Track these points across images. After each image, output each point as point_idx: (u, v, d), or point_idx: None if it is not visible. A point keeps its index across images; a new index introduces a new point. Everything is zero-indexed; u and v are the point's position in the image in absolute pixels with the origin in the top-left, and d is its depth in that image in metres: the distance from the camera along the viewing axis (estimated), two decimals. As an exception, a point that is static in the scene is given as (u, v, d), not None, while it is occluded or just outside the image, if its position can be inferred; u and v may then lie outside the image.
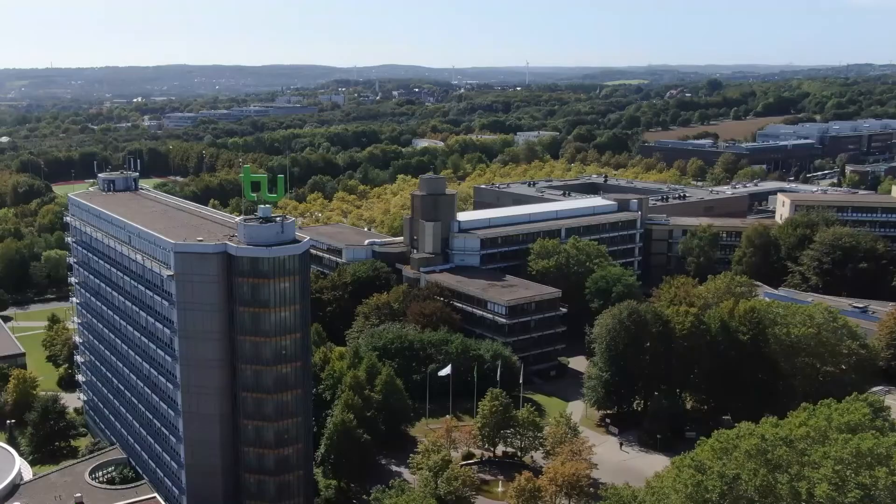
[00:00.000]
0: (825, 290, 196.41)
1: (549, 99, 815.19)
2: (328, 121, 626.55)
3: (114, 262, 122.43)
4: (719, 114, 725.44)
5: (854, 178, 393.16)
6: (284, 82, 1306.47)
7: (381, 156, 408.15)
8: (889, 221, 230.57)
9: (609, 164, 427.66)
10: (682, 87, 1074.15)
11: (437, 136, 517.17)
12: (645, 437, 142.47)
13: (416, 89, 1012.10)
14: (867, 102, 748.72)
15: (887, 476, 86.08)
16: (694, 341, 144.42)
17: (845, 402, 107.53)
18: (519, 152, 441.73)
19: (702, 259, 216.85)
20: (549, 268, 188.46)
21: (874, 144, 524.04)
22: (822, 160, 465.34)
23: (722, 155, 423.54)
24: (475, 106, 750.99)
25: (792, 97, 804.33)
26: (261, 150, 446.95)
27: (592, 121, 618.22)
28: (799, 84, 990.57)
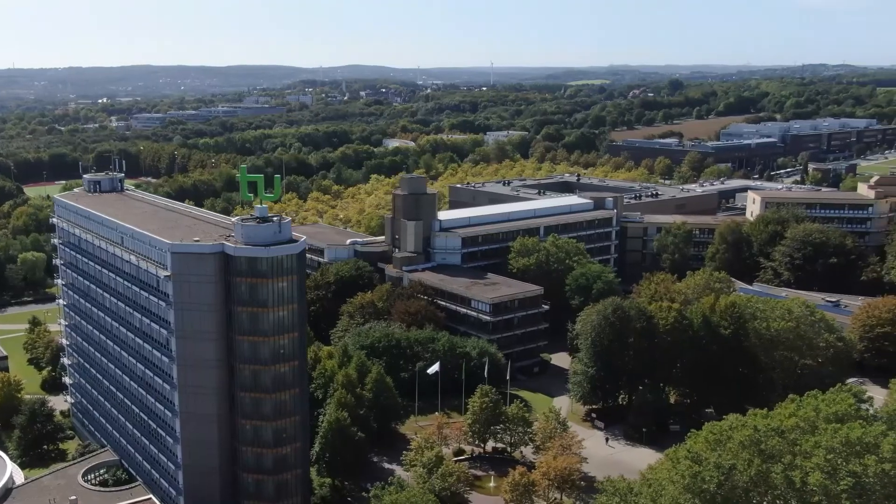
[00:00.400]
0: (797, 285, 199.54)
1: (516, 99, 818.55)
2: (297, 121, 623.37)
3: (104, 264, 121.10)
4: (682, 113, 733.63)
5: (817, 176, 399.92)
6: (250, 83, 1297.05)
7: (353, 156, 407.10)
8: (856, 218, 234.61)
9: (578, 163, 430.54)
10: (643, 87, 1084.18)
11: (408, 136, 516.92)
12: (630, 430, 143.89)
13: (383, 89, 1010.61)
14: (824, 102, 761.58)
15: (877, 464, 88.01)
16: (677, 336, 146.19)
17: (830, 393, 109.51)
18: (489, 152, 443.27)
19: (676, 256, 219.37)
20: (530, 265, 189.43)
21: (833, 143, 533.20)
22: (785, 158, 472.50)
23: (688, 154, 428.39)
24: (443, 106, 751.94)
25: (752, 97, 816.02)
26: (232, 150, 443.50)
27: (559, 120, 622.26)
28: (757, 84, 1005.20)
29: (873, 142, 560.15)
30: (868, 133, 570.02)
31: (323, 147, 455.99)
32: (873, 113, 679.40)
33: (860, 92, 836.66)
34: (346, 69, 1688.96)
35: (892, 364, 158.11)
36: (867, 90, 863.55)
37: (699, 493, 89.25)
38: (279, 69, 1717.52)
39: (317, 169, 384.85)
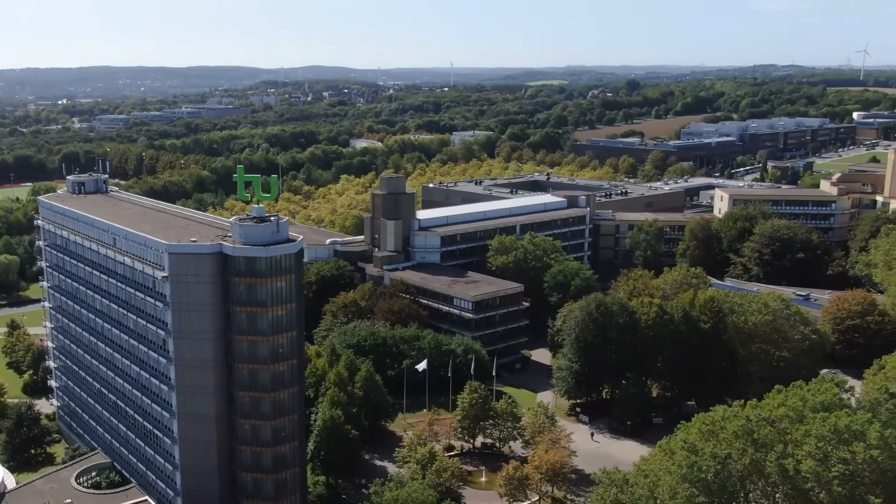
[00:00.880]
0: (766, 279, 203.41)
1: (478, 99, 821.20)
2: (262, 122, 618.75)
3: (95, 265, 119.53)
4: (641, 113, 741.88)
5: (776, 174, 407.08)
6: (211, 84, 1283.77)
7: (322, 156, 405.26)
8: (820, 214, 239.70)
9: (544, 162, 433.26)
10: (602, 87, 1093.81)
11: (374, 137, 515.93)
12: (615, 424, 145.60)
13: (346, 90, 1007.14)
14: (778, 102, 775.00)
15: (865, 451, 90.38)
16: (658, 331, 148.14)
17: (815, 384, 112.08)
18: (457, 152, 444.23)
19: (648, 253, 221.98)
20: (508, 263, 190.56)
21: (789, 142, 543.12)
22: (744, 157, 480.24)
23: (651, 152, 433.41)
24: (406, 106, 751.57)
25: (708, 97, 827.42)
26: (199, 151, 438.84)
27: (522, 120, 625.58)
28: (712, 84, 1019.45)
29: (827, 140, 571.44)
30: (822, 132, 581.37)
31: (290, 148, 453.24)
32: (825, 112, 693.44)
33: (811, 92, 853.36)
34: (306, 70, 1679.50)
35: (862, 355, 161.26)
36: (818, 90, 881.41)
37: (696, 483, 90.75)
38: (239, 70, 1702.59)
39: (286, 169, 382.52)
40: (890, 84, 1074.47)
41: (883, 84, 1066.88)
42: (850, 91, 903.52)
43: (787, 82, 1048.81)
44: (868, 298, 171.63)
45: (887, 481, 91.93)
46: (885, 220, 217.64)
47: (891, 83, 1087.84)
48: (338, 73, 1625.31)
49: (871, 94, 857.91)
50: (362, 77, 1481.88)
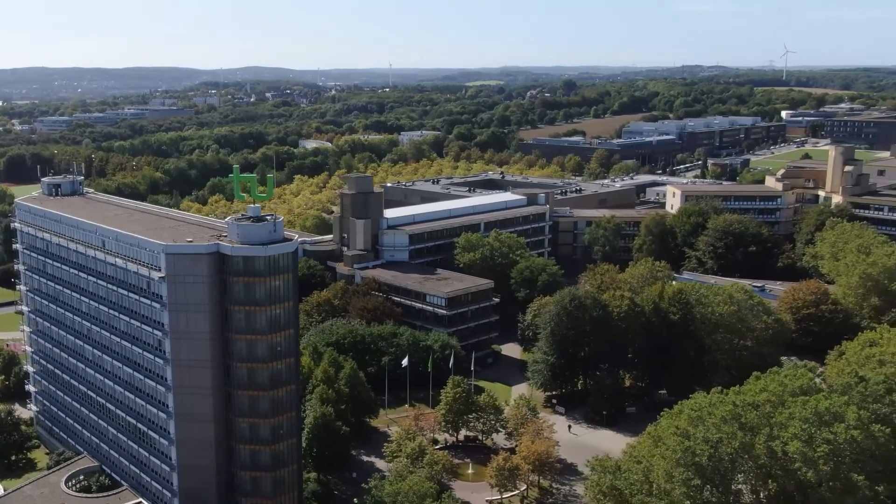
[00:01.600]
0: (720, 272, 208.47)
1: (421, 100, 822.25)
2: (207, 123, 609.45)
3: (81, 267, 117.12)
4: (580, 112, 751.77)
5: (716, 171, 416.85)
6: (149, 85, 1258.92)
7: (274, 157, 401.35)
8: (766, 209, 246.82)
9: (492, 161, 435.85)
10: (539, 87, 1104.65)
11: (323, 137, 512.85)
12: (591, 414, 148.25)
13: (288, 91, 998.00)
14: (710, 101, 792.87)
15: (846, 431, 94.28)
16: (630, 323, 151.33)
17: (790, 370, 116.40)
18: (407, 151, 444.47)
19: (607, 248, 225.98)
20: (475, 260, 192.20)
21: (725, 140, 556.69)
22: (683, 154, 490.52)
23: (596, 151, 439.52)
24: (350, 107, 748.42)
25: (643, 97, 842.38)
26: (148, 153, 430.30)
27: (466, 120, 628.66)
28: (645, 84, 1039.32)
29: (759, 138, 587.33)
30: (754, 130, 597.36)
31: (240, 148, 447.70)
32: (756, 111, 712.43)
33: (740, 92, 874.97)
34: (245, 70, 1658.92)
35: (817, 343, 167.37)
36: (746, 90, 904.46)
37: (691, 466, 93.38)
38: (177, 71, 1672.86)
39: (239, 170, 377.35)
40: (810, 84, 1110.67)
41: (804, 84, 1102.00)
42: (777, 91, 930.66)
43: (715, 82, 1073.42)
44: (821, 288, 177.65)
45: (866, 459, 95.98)
46: (829, 213, 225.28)
47: (811, 83, 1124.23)
48: (277, 73, 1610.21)
49: (796, 94, 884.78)
50: (301, 78, 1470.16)
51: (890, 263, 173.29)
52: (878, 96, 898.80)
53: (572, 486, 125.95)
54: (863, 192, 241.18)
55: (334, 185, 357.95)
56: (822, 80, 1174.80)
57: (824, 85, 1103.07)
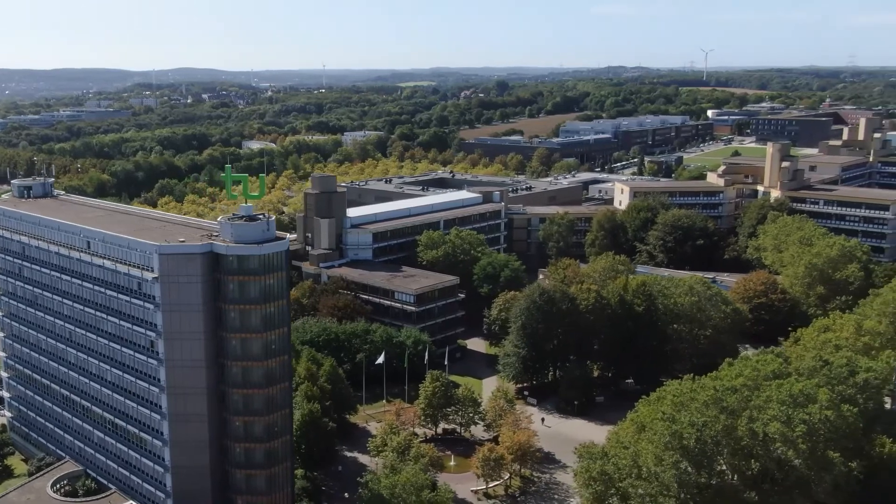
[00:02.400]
0: (670, 265, 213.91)
1: (359, 100, 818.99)
2: (146, 124, 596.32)
3: (62, 270, 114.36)
4: (516, 112, 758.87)
5: (653, 168, 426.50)
6: (79, 86, 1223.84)
7: (220, 158, 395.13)
8: (710, 203, 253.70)
9: (436, 160, 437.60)
10: (472, 87, 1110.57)
11: (266, 138, 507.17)
12: (562, 404, 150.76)
13: (224, 92, 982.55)
14: (639, 101, 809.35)
15: (820, 411, 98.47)
16: (597, 315, 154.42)
17: (758, 356, 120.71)
18: (352, 151, 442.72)
19: (561, 243, 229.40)
20: (438, 257, 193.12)
21: (657, 138, 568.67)
22: (619, 153, 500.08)
23: (536, 150, 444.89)
24: (289, 108, 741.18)
25: (575, 97, 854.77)
26: (90, 155, 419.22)
27: (406, 120, 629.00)
28: (575, 84, 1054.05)
29: (689, 136, 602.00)
30: (684, 128, 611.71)
31: (184, 150, 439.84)
32: (683, 110, 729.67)
33: (666, 91, 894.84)
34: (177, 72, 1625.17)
35: (768, 330, 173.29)
36: (672, 90, 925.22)
37: (679, 449, 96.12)
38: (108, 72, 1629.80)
39: (186, 171, 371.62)
40: (729, 84, 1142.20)
41: (724, 84, 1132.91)
42: (701, 91, 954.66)
43: (640, 83, 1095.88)
44: (770, 279, 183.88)
45: (839, 438, 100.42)
46: (769, 207, 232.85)
47: (730, 83, 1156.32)
48: (209, 75, 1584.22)
49: (719, 94, 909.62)
50: (234, 79, 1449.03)
51: (833, 254, 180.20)
52: (794, 96, 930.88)
53: (552, 475, 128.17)
54: (799, 186, 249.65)
55: (282, 185, 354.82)
56: (739, 81, 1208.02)
57: (742, 85, 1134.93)
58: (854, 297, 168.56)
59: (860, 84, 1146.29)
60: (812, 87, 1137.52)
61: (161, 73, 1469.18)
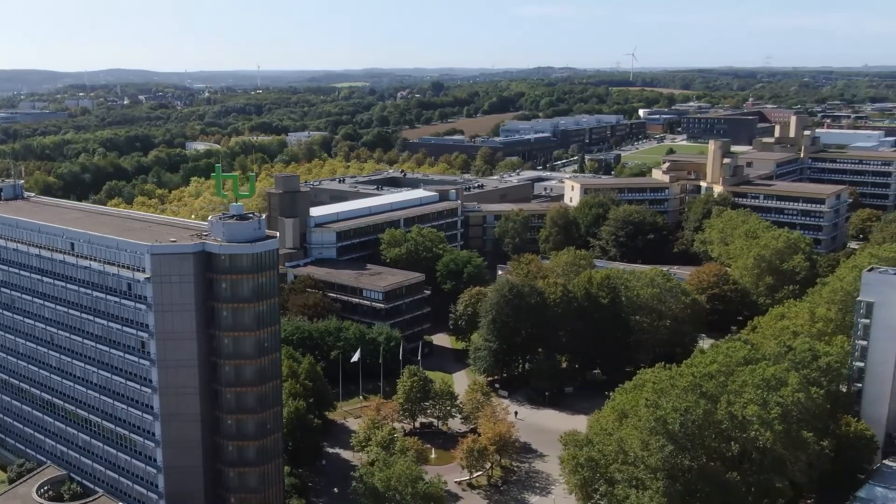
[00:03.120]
0: (623, 259, 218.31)
1: (298, 101, 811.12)
2: (83, 126, 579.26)
3: (43, 272, 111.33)
4: (454, 112, 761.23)
5: (593, 166, 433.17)
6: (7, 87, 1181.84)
7: (167, 159, 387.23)
8: (657, 199, 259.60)
9: (382, 160, 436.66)
10: (408, 88, 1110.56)
11: (210, 139, 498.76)
12: (533, 395, 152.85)
13: (160, 93, 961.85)
14: (573, 100, 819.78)
15: (792, 393, 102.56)
16: (564, 308, 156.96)
17: (727, 343, 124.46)
18: (298, 152, 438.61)
19: (517, 240, 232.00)
20: (401, 255, 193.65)
21: (594, 136, 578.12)
22: (559, 151, 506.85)
23: (480, 149, 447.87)
24: (228, 109, 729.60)
25: (510, 97, 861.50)
26: (32, 157, 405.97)
27: (347, 121, 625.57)
28: (508, 84, 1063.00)
29: (624, 134, 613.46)
30: (619, 127, 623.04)
31: (127, 151, 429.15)
32: (616, 110, 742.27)
33: (598, 91, 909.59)
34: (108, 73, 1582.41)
35: (721, 320, 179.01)
36: (603, 90, 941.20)
37: (664, 434, 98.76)
38: (37, 73, 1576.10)
39: (133, 173, 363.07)
40: (655, 84, 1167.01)
41: (650, 84, 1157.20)
42: (631, 91, 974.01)
43: (569, 83, 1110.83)
44: (721, 271, 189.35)
45: (809, 419, 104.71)
46: (714, 202, 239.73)
47: (655, 83, 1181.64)
48: (141, 76, 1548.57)
49: (649, 94, 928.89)
50: (167, 80, 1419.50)
51: (779, 245, 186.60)
52: (718, 95, 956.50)
53: (531, 464, 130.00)
54: (739, 182, 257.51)
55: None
56: (664, 81, 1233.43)
57: (667, 85, 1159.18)
58: (800, 286, 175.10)
59: (777, 84, 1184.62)
60: (732, 86, 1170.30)
61: (92, 75, 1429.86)
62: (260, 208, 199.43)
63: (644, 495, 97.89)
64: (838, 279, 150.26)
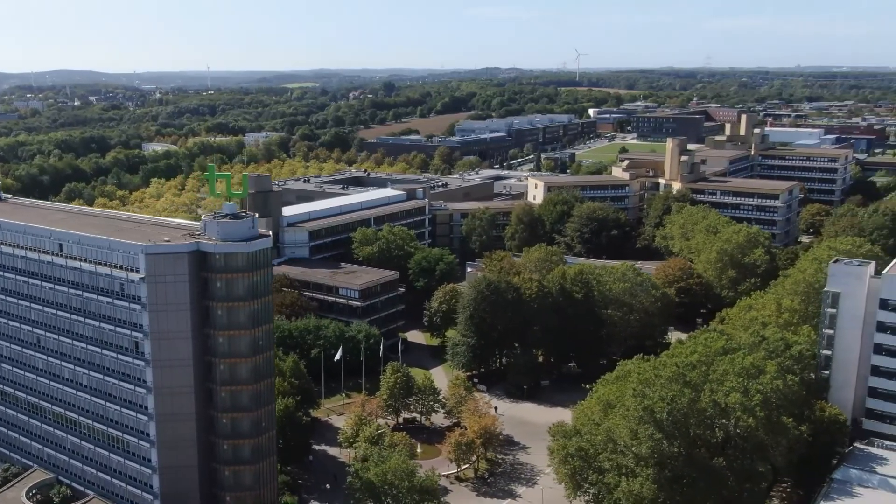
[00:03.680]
0: (588, 254, 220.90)
1: (251, 101, 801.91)
2: (35, 127, 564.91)
3: (29, 274, 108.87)
4: (407, 112, 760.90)
5: (549, 164, 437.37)
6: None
7: (125, 160, 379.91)
8: (617, 196, 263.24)
9: (341, 160, 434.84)
10: (360, 88, 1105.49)
11: (167, 140, 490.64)
12: (511, 389, 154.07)
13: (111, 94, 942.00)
14: (524, 100, 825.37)
15: (771, 381, 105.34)
16: (540, 303, 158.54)
17: (703, 334, 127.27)
18: (257, 152, 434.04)
19: (483, 237, 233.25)
20: (374, 253, 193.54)
21: (547, 136, 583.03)
22: (514, 150, 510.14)
23: (437, 148, 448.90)
24: (181, 110, 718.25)
25: (462, 97, 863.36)
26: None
27: (303, 121, 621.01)
28: (459, 85, 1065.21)
29: (576, 133, 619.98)
30: (571, 126, 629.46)
31: (83, 153, 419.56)
32: (566, 109, 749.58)
33: (547, 91, 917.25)
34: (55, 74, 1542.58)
35: (687, 312, 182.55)
36: (552, 90, 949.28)
37: (653, 423, 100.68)
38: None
39: (92, 174, 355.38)
40: (600, 84, 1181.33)
41: (595, 84, 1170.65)
42: (579, 91, 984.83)
43: (518, 83, 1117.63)
44: (686, 265, 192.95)
45: (787, 405, 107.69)
46: (673, 199, 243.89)
47: (601, 83, 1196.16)
48: (89, 77, 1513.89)
49: (597, 93, 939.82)
50: (116, 81, 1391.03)
51: (740, 240, 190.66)
52: (664, 95, 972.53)
53: (515, 456, 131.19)
54: (696, 179, 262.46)
55: (192, 186, 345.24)
56: (609, 81, 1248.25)
57: (612, 85, 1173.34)
58: (762, 279, 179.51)
59: (717, 84, 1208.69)
60: (675, 86, 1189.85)
61: (39, 76, 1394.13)
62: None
63: (634, 482, 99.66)
64: (800, 271, 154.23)
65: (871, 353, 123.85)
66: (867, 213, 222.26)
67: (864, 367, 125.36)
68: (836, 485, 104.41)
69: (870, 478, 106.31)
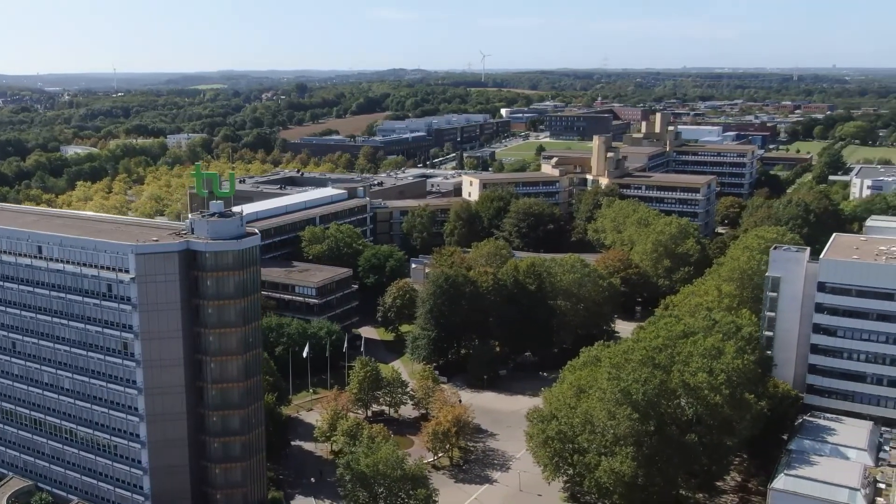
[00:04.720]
0: (526, 248, 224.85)
1: (165, 103, 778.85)
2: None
3: (4, 277, 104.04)
4: (324, 113, 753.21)
5: (472, 163, 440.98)
6: None
7: (48, 164, 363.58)
8: (549, 192, 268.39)
9: (266, 161, 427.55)
10: (272, 90, 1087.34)
11: (86, 142, 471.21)
12: (471, 380, 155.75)
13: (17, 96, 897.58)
14: (437, 101, 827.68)
15: (732, 360, 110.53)
16: (496, 295, 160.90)
17: (663, 320, 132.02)
18: (181, 154, 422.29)
19: (424, 234, 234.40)
20: (323, 251, 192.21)
21: (465, 135, 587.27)
22: (435, 149, 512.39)
23: (362, 148, 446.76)
24: (94, 112, 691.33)
25: (376, 97, 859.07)
26: None
27: (220, 122, 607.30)
28: (370, 86, 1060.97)
29: (492, 132, 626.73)
30: (487, 126, 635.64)
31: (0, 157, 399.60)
32: (479, 109, 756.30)
33: (459, 92, 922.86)
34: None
35: (626, 301, 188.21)
36: (462, 90, 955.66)
37: (630, 403, 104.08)
38: None
39: (14, 178, 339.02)
40: (505, 85, 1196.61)
41: (500, 85, 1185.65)
42: (489, 91, 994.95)
43: (426, 84, 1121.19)
44: (624, 256, 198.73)
45: (746, 382, 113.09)
46: (602, 194, 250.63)
47: (506, 84, 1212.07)
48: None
49: (507, 94, 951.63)
50: (18, 83, 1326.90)
51: (673, 231, 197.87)
52: (569, 95, 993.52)
53: (485, 443, 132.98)
54: (622, 174, 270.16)
55: (119, 189, 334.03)
56: (513, 82, 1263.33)
57: (516, 85, 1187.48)
58: (694, 267, 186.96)
59: (615, 84, 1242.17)
60: (575, 87, 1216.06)
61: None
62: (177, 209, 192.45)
63: (614, 461, 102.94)
64: (733, 259, 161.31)
65: (811, 333, 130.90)
66: (781, 204, 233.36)
67: (803, 346, 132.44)
68: (794, 455, 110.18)
69: (822, 447, 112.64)
